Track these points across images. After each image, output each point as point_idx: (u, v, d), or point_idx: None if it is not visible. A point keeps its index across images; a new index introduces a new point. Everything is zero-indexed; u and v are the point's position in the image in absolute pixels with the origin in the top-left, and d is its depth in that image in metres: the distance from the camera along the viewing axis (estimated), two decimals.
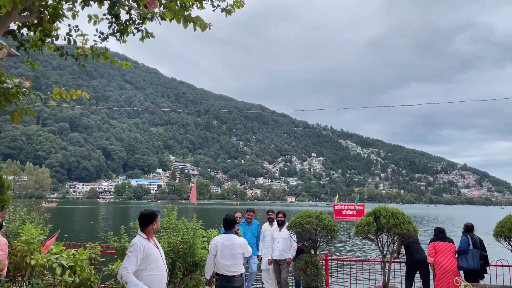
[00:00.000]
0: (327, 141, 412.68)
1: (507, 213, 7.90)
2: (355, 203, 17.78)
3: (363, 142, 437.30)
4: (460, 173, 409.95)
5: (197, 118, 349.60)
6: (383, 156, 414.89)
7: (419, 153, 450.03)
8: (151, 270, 4.26)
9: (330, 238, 7.87)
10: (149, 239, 4.37)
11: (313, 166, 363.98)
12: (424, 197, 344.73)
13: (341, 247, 21.34)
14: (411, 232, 7.48)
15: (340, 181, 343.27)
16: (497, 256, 8.75)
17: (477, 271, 7.66)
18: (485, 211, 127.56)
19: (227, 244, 5.63)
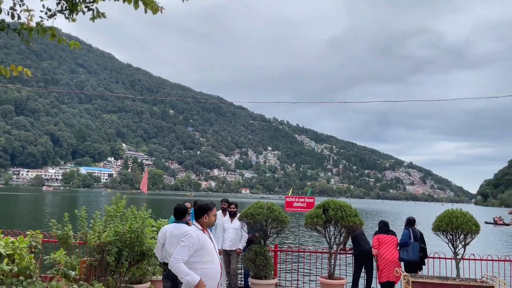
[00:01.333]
0: (283, 135, 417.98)
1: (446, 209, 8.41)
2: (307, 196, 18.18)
3: (317, 138, 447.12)
4: (406, 171, 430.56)
5: (153, 107, 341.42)
6: (335, 152, 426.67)
7: (370, 150, 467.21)
8: (205, 264, 4.07)
9: (280, 229, 8.02)
10: (204, 231, 4.18)
11: (268, 160, 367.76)
12: (372, 192, 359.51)
13: (291, 238, 21.80)
14: (357, 225, 7.78)
15: (294, 175, 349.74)
16: (435, 249, 9.30)
17: (417, 263, 8.10)
18: (427, 207, 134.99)
19: (176, 233, 5.55)
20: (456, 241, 7.89)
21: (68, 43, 4.55)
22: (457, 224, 7.70)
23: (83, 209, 6.42)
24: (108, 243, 6.05)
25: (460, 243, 7.89)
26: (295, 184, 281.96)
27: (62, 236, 6.19)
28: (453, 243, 7.93)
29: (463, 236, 7.81)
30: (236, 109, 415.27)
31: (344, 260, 9.32)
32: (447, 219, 7.85)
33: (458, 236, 7.85)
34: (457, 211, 7.95)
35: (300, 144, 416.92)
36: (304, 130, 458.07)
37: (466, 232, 7.75)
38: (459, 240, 7.87)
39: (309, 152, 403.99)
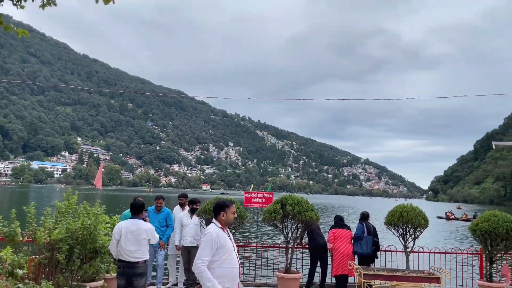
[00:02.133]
0: (244, 131, 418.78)
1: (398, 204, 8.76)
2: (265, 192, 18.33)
3: (278, 134, 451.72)
4: (363, 167, 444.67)
5: (110, 100, 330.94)
6: (296, 148, 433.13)
7: (328, 147, 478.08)
8: (224, 263, 3.92)
9: (239, 225, 8.04)
10: (224, 229, 4.04)
11: (229, 155, 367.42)
12: (330, 188, 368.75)
13: (250, 233, 21.94)
14: (313, 219, 7.95)
15: (255, 170, 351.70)
16: (387, 242, 9.68)
17: (370, 256, 8.40)
18: (381, 202, 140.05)
19: (132, 229, 5.45)
20: (406, 235, 8.25)
21: (16, 30, 4.31)
22: (407, 219, 8.05)
23: (31, 205, 6.12)
24: (58, 240, 5.82)
25: (410, 236, 8.26)
26: (256, 180, 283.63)
27: (8, 233, 5.88)
28: (403, 236, 8.28)
29: (413, 230, 8.18)
30: (197, 104, 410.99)
31: (301, 254, 9.49)
32: (398, 213, 8.19)
33: (408, 230, 8.21)
34: (407, 206, 8.31)
35: (261, 140, 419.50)
36: (266, 126, 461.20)
37: (415, 226, 8.12)
38: (409, 233, 8.23)
39: (270, 148, 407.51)
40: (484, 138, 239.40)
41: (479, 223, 7.89)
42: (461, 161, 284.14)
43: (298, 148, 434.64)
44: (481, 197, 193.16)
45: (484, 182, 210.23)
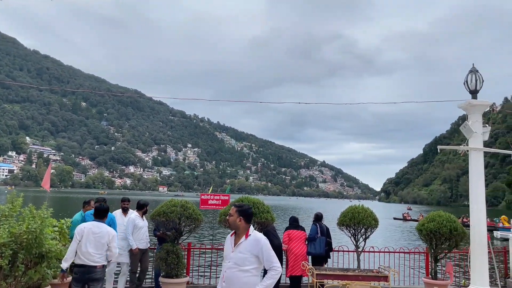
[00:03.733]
0: (203, 132, 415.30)
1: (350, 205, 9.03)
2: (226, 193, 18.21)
3: (237, 136, 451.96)
4: (319, 169, 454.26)
5: (63, 98, 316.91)
6: (255, 150, 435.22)
7: (287, 149, 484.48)
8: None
9: (194, 227, 7.97)
10: (235, 233, 3.91)
11: (188, 157, 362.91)
12: (288, 189, 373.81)
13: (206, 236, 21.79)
14: (269, 221, 8.02)
15: (214, 172, 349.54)
16: (340, 243, 9.95)
17: (323, 256, 8.59)
18: (336, 204, 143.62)
19: (95, 231, 5.36)
20: (358, 235, 8.52)
21: None
22: (358, 219, 8.32)
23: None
24: (1, 245, 5.51)
25: (361, 236, 8.54)
26: (215, 182, 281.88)
27: None
28: (355, 237, 8.55)
29: (364, 230, 8.46)
30: (155, 104, 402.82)
31: None
32: (350, 214, 8.45)
33: (360, 230, 8.48)
34: (359, 207, 8.59)
35: (220, 142, 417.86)
36: (225, 128, 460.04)
37: (366, 226, 8.41)
38: (361, 234, 8.51)
39: (229, 150, 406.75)
40: (433, 142, 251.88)
41: (425, 223, 8.29)
42: (412, 164, 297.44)
43: (257, 150, 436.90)
44: (429, 198, 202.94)
45: (432, 184, 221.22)
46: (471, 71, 7.76)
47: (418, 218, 57.00)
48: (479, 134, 7.51)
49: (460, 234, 8.00)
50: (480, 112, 7.66)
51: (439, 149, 8.42)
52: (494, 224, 40.72)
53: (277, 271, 3.70)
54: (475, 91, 7.68)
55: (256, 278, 3.74)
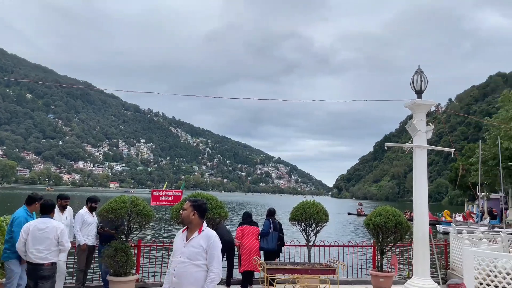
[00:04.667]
0: (158, 127, 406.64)
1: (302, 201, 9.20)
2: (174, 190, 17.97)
3: (193, 132, 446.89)
4: (275, 166, 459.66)
5: (6, 89, 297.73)
6: (211, 146, 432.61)
7: (243, 145, 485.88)
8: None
9: (145, 224, 7.79)
10: (187, 229, 3.90)
11: (141, 152, 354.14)
12: (244, 186, 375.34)
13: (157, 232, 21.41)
14: (221, 216, 8.01)
15: (168, 168, 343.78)
16: (292, 237, 10.10)
17: (275, 251, 8.69)
18: (291, 199, 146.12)
19: (41, 227, 5.25)
20: (309, 230, 8.70)
21: None
22: (310, 214, 8.51)
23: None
24: None
25: (312, 231, 8.73)
26: (169, 178, 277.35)
27: None
28: (306, 231, 8.73)
29: (314, 224, 8.66)
30: (106, 97, 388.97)
31: None
32: (302, 209, 8.62)
33: (311, 225, 8.67)
34: (310, 203, 8.77)
35: (175, 137, 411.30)
36: (180, 123, 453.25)
37: (317, 221, 8.62)
38: (311, 228, 8.70)
39: (184, 146, 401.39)
40: (383, 140, 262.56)
41: (372, 218, 8.61)
42: (362, 161, 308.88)
43: (213, 146, 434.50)
44: (379, 194, 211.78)
45: (382, 180, 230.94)
46: (416, 72, 8.11)
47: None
48: (423, 132, 7.87)
49: (405, 228, 8.38)
50: (424, 111, 8.03)
51: (386, 146, 8.74)
52: (437, 219, 43.16)
53: (214, 273, 3.73)
54: (420, 91, 8.04)
55: (207, 274, 3.73)
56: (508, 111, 40.46)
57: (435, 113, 9.01)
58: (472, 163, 47.08)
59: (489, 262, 6.79)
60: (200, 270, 3.72)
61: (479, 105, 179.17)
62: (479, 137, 60.99)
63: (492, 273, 6.66)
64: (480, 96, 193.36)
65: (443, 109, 23.48)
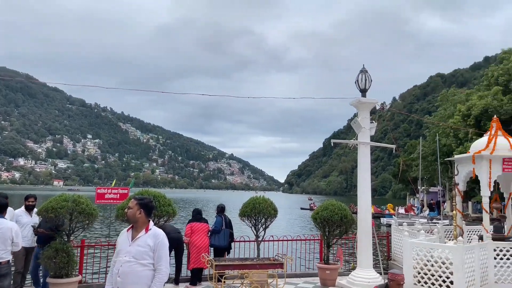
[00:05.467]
0: (105, 123, 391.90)
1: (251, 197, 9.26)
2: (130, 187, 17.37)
3: (143, 127, 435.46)
4: (228, 162, 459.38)
5: None
6: (162, 142, 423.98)
7: (195, 141, 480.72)
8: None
9: (88, 223, 7.49)
10: (133, 228, 3.81)
11: (87, 149, 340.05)
12: (196, 182, 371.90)
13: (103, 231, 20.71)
14: (170, 214, 7.89)
15: (117, 165, 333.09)
16: (242, 233, 10.15)
17: (226, 248, 8.72)
18: (243, 195, 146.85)
19: None
20: (258, 225, 8.79)
21: None
22: (259, 210, 8.60)
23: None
24: None
25: (261, 226, 8.82)
26: (118, 175, 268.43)
27: None
28: (255, 226, 8.81)
29: (264, 220, 8.76)
30: (50, 91, 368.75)
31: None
32: (251, 205, 8.70)
33: (260, 220, 8.76)
34: (259, 198, 8.86)
35: (124, 133, 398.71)
36: (130, 118, 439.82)
37: (266, 216, 8.73)
38: (261, 223, 8.80)
39: (134, 142, 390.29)
40: (331, 136, 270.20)
41: (319, 212, 8.84)
42: (312, 157, 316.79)
43: (164, 143, 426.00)
44: (328, 189, 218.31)
45: (330, 175, 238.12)
46: (361, 71, 8.43)
47: None
48: (367, 129, 8.20)
49: (350, 221, 8.68)
50: (368, 109, 8.36)
51: (332, 143, 9.02)
52: (382, 212, 45.17)
53: (162, 273, 3.70)
54: (364, 90, 8.36)
55: (154, 273, 3.68)
56: (445, 110, 43.13)
57: (380, 111, 9.41)
58: (413, 159, 49.73)
59: (426, 253, 7.21)
60: (146, 269, 3.66)
61: (421, 104, 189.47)
62: (420, 134, 64.61)
63: (428, 262, 7.08)
64: (421, 95, 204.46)
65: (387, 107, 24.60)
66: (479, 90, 37.76)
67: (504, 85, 32.75)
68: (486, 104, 31.39)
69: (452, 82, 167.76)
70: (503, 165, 8.37)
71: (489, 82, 35.73)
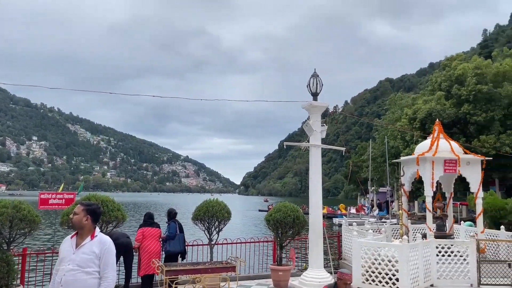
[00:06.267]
0: (52, 124, 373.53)
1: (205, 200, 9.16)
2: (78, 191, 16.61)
3: (93, 129, 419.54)
4: (183, 164, 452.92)
5: None
6: (113, 144, 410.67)
7: (149, 143, 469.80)
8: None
9: (30, 230, 7.10)
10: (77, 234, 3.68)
11: (32, 151, 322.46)
12: (149, 185, 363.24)
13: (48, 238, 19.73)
14: (119, 219, 7.64)
15: (65, 168, 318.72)
16: (195, 237, 10.02)
17: (181, 253, 8.56)
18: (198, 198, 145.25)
19: None
20: (212, 228, 8.72)
21: None
22: (212, 213, 8.54)
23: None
24: None
25: (215, 229, 8.76)
26: (65, 179, 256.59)
27: None
28: (209, 230, 8.73)
29: (217, 223, 8.70)
30: None
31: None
32: (205, 208, 8.62)
33: (213, 224, 8.70)
34: (213, 201, 8.80)
35: (73, 134, 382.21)
36: (79, 119, 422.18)
37: (220, 219, 8.68)
38: (214, 227, 8.73)
39: (83, 144, 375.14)
40: (287, 138, 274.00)
41: (272, 214, 8.92)
42: (268, 159, 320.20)
43: (116, 144, 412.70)
44: (283, 190, 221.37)
45: (286, 177, 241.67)
46: (313, 75, 8.61)
47: None
48: (318, 132, 8.39)
49: (302, 222, 8.83)
50: (319, 112, 8.55)
51: (285, 145, 9.14)
52: (334, 212, 46.43)
53: (109, 281, 3.58)
54: (316, 94, 8.54)
55: (99, 281, 3.56)
56: (393, 113, 45.11)
57: (333, 114, 9.65)
58: (364, 160, 51.49)
59: (374, 251, 7.48)
60: (91, 277, 3.54)
61: (371, 107, 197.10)
62: (370, 137, 67.15)
63: (376, 261, 7.34)
64: (372, 99, 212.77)
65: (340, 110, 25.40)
66: (424, 95, 39.86)
67: (446, 90, 34.77)
68: (430, 108, 33.18)
69: (400, 86, 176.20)
70: (445, 166, 8.86)
71: (433, 87, 37.81)
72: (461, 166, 8.87)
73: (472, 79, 32.32)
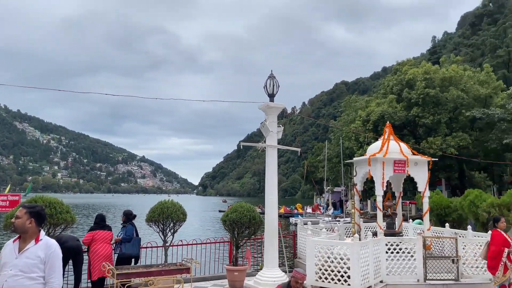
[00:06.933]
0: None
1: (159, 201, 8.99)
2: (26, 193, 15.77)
3: (43, 127, 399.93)
4: (139, 164, 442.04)
5: None
6: (65, 143, 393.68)
7: (103, 143, 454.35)
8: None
9: None
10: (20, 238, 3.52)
11: None
12: (103, 186, 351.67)
13: None
14: (68, 222, 7.37)
15: (11, 168, 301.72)
16: (149, 239, 9.81)
17: (137, 256, 8.32)
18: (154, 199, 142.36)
19: None
20: (166, 230, 8.58)
21: None
22: (167, 214, 8.40)
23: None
24: None
25: (169, 231, 8.62)
26: (12, 180, 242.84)
27: None
28: (163, 232, 8.58)
29: (172, 224, 8.57)
30: None
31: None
32: (159, 210, 8.48)
33: (168, 225, 8.56)
34: (168, 202, 8.66)
35: (21, 133, 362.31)
36: (27, 117, 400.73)
37: (175, 220, 8.56)
38: (169, 228, 8.59)
39: (32, 143, 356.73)
40: (246, 139, 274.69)
41: (228, 214, 8.91)
42: (227, 159, 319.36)
43: (67, 144, 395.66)
44: (241, 190, 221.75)
45: (244, 177, 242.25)
46: (269, 77, 8.68)
47: None
48: (274, 133, 8.47)
49: (258, 222, 8.88)
50: (276, 113, 8.64)
51: (242, 145, 9.15)
52: (291, 211, 47.12)
53: (54, 286, 3.45)
54: (272, 95, 8.62)
55: (44, 287, 3.42)
56: (348, 115, 46.44)
57: (290, 115, 9.78)
58: (320, 161, 52.58)
59: (327, 250, 7.65)
60: (36, 283, 3.39)
61: (327, 109, 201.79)
62: (326, 138, 68.77)
63: (329, 259, 7.52)
64: (328, 101, 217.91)
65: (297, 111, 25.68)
66: (377, 98, 41.41)
67: (397, 94, 36.30)
68: (383, 110, 34.51)
69: (355, 89, 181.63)
70: (394, 166, 9.23)
71: (385, 90, 39.35)
72: (409, 166, 9.27)
73: (421, 84, 33.92)
